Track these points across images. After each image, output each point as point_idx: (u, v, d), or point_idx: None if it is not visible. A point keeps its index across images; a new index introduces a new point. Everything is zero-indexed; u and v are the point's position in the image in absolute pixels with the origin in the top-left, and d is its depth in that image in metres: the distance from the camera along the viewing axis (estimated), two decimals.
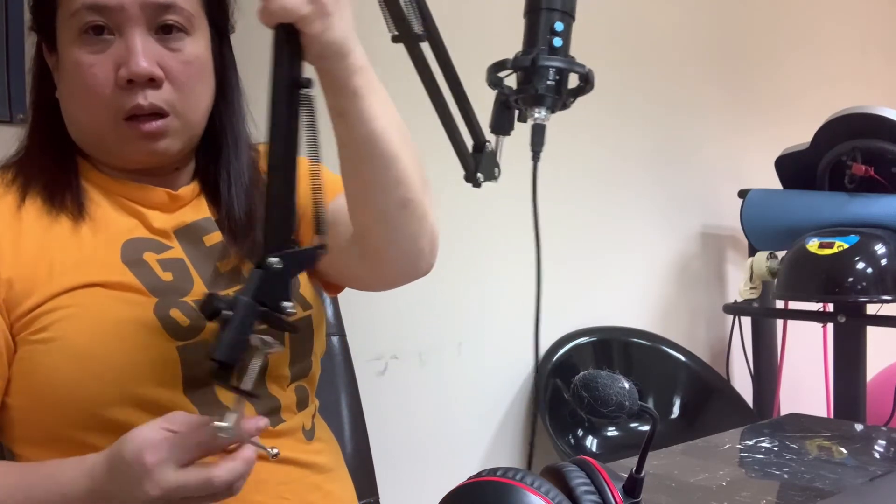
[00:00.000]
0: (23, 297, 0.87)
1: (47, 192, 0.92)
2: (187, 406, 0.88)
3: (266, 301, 0.73)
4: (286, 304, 0.74)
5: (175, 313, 0.88)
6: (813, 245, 1.83)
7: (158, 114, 0.90)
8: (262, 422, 0.77)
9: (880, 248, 1.78)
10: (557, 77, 0.86)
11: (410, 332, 1.84)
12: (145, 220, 0.94)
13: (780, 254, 2.04)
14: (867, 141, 1.90)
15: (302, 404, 0.99)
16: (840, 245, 1.80)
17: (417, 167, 0.90)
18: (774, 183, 2.13)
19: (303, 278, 1.01)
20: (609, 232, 2.27)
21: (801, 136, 2.06)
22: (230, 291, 0.93)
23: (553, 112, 0.88)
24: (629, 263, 2.33)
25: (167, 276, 0.91)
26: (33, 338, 0.86)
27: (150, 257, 0.91)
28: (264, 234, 0.76)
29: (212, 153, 0.99)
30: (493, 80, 0.89)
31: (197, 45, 0.92)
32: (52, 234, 0.90)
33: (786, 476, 0.97)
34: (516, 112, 0.91)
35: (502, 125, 0.92)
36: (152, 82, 0.88)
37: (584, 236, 2.19)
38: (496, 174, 0.95)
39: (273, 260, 0.74)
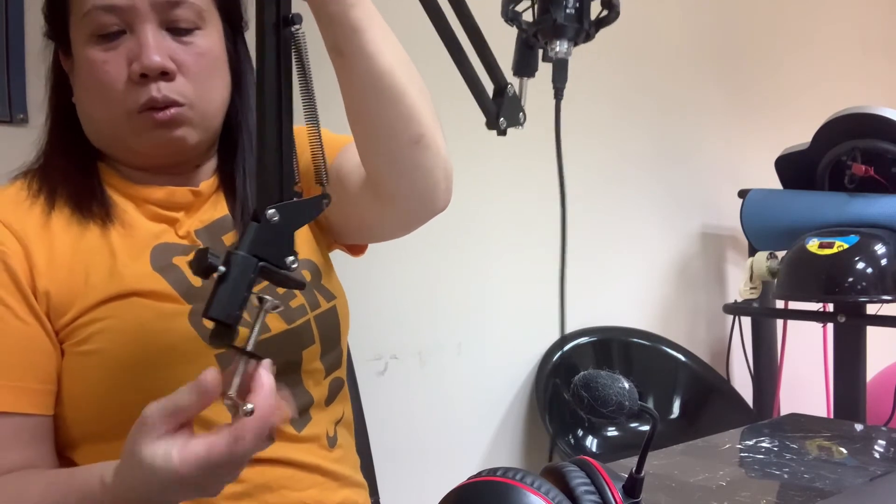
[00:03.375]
0: (63, 309, 0.87)
1: (74, 200, 0.92)
2: (227, 415, 0.88)
3: (265, 256, 0.70)
4: (289, 258, 0.71)
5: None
6: (813, 245, 1.83)
7: (173, 104, 0.89)
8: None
9: (880, 248, 1.78)
10: (578, 4, 0.79)
11: (410, 332, 1.84)
12: (174, 224, 0.94)
13: (780, 254, 2.04)
14: (867, 141, 1.89)
15: (332, 397, 0.99)
16: (840, 245, 1.80)
17: (426, 100, 0.87)
18: (774, 183, 2.13)
19: (326, 269, 1.01)
20: (609, 232, 2.27)
21: (801, 136, 2.06)
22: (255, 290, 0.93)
23: (576, 44, 0.80)
24: (629, 263, 2.33)
25: (197, 281, 0.90)
26: (77, 350, 0.87)
27: (179, 261, 0.91)
28: (258, 185, 0.72)
29: (229, 148, 0.99)
30: (510, 14, 0.82)
31: (209, 39, 0.92)
32: (83, 243, 0.90)
33: (786, 476, 0.97)
34: (540, 52, 0.82)
35: (525, 67, 0.84)
36: (165, 76, 0.88)
37: (584, 236, 2.19)
38: (521, 120, 0.88)
39: (270, 212, 0.70)
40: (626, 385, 0.61)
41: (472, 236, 1.94)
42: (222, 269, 0.68)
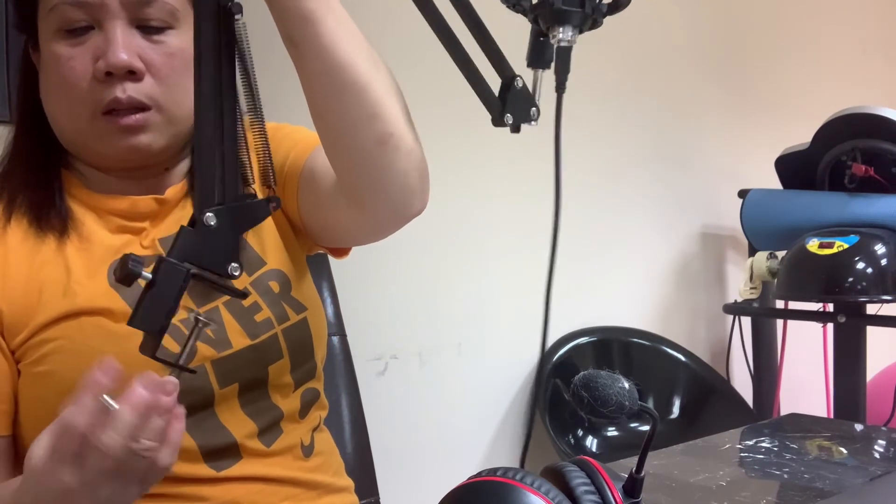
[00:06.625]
0: (18, 328, 0.85)
1: (32, 211, 0.89)
2: (184, 437, 0.85)
3: (201, 262, 0.66)
4: (231, 265, 0.67)
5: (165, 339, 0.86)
6: (813, 245, 1.83)
7: (139, 108, 0.86)
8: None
9: (880, 248, 1.78)
10: None
11: (410, 332, 1.84)
12: (139, 234, 0.91)
13: (780, 254, 2.04)
14: (867, 141, 1.89)
15: (305, 409, 0.96)
16: (840, 245, 1.80)
17: (395, 96, 0.81)
18: (774, 183, 2.13)
19: (297, 278, 0.96)
20: (609, 232, 2.27)
21: (801, 136, 2.06)
22: (217, 303, 0.90)
23: (581, 31, 0.74)
24: (629, 263, 2.33)
25: None
26: (32, 370, 0.85)
27: None
28: (196, 187, 0.68)
29: None
30: None
31: (182, 39, 0.88)
32: (39, 257, 0.87)
33: (786, 476, 0.97)
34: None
35: (539, 57, 0.77)
36: (132, 75, 0.85)
37: (584, 236, 2.19)
38: (533, 115, 0.79)
39: (208, 216, 0.66)
40: (626, 385, 0.61)
41: (472, 236, 1.94)
42: (148, 276, 0.64)
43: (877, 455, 1.09)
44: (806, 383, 2.45)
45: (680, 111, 2.46)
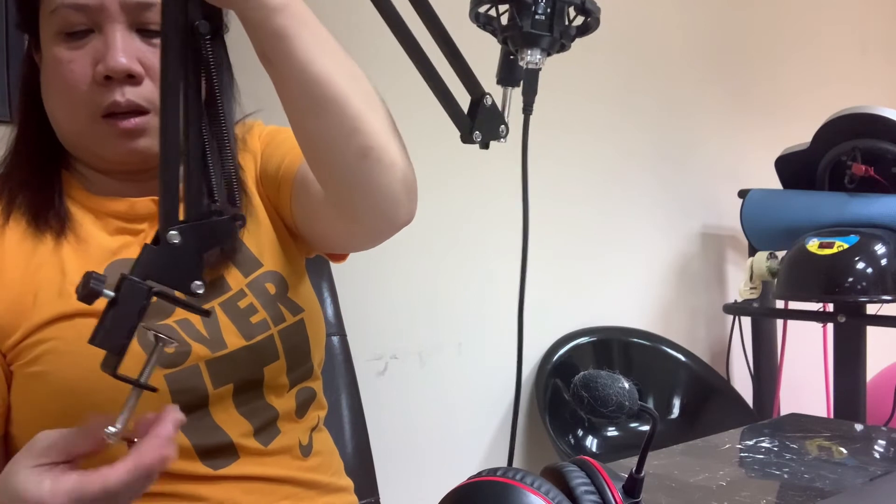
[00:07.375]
0: (10, 329, 0.85)
1: (31, 214, 0.89)
2: (179, 436, 0.84)
3: (164, 280, 0.66)
4: (195, 283, 0.67)
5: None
6: (813, 245, 1.83)
7: (137, 111, 0.87)
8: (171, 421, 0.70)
9: (880, 248, 1.78)
10: (549, 10, 0.72)
11: (410, 332, 1.84)
12: (138, 235, 0.92)
13: (780, 254, 2.04)
14: (867, 141, 1.90)
15: (302, 409, 0.96)
16: (840, 245, 1.80)
17: (376, 109, 0.80)
18: (774, 183, 2.13)
19: (295, 280, 0.97)
20: (609, 232, 2.27)
21: (801, 136, 2.06)
22: (214, 304, 0.90)
23: (549, 54, 0.74)
24: (629, 263, 2.33)
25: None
26: (26, 370, 0.85)
27: None
28: (160, 204, 0.68)
29: None
30: (482, 19, 0.76)
31: None
32: (35, 259, 0.88)
33: (786, 476, 0.97)
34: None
35: (509, 75, 0.77)
36: (131, 79, 0.86)
37: (584, 236, 2.19)
38: (503, 133, 0.79)
39: (171, 234, 0.66)
40: (626, 385, 0.61)
41: (472, 236, 1.94)
42: (110, 294, 0.64)
43: (877, 455, 1.09)
44: (806, 383, 2.45)
45: (680, 111, 2.46)
